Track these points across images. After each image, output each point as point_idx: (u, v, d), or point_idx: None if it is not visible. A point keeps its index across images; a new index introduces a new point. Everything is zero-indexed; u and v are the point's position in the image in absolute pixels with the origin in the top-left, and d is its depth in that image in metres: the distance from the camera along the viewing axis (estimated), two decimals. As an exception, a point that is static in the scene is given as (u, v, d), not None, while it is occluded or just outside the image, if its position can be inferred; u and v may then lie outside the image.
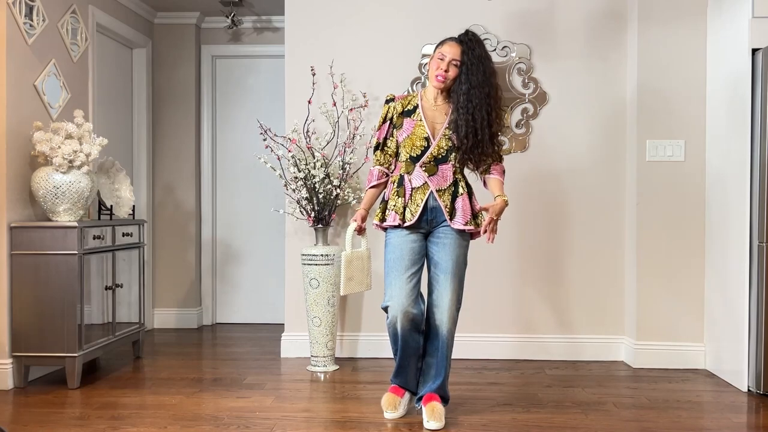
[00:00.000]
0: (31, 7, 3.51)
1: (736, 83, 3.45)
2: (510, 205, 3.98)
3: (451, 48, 2.79)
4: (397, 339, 2.82)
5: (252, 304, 5.26)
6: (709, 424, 2.86)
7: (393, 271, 2.80)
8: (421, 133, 2.83)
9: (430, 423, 2.75)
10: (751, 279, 3.33)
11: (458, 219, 2.80)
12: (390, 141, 2.93)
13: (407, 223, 2.80)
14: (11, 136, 3.37)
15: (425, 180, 2.82)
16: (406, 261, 2.80)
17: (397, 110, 2.91)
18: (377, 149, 2.96)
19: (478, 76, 2.74)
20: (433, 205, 2.82)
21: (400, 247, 2.82)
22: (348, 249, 2.92)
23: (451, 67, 2.78)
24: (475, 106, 2.74)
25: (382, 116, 2.94)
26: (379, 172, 2.96)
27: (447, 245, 2.82)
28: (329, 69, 4.03)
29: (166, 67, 5.09)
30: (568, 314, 4.02)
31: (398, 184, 2.87)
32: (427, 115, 2.86)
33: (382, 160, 2.95)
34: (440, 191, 2.82)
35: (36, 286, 3.36)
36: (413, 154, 2.84)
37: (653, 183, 3.83)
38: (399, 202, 2.84)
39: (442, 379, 2.86)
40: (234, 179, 5.27)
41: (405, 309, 2.75)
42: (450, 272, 2.81)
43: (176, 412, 3.01)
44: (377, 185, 2.97)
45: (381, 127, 2.94)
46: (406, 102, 2.92)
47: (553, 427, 2.81)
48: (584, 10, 4.00)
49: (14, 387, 3.39)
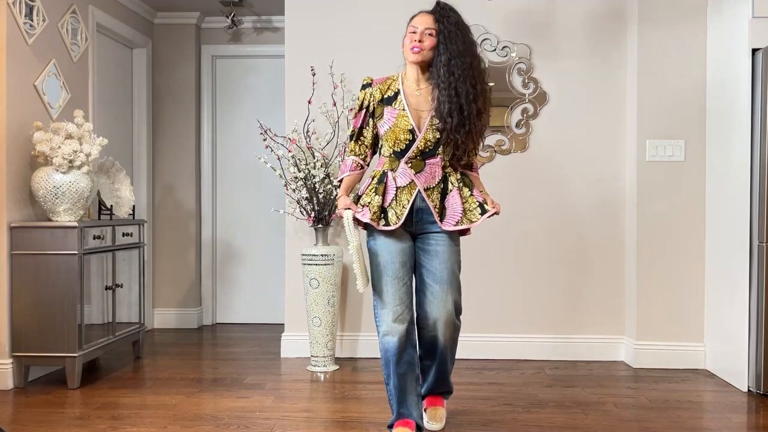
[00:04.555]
0: (31, 7, 3.51)
1: (737, 83, 3.45)
2: (510, 205, 4.00)
3: (422, 18, 2.53)
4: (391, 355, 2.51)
5: (252, 304, 5.26)
6: (709, 424, 2.86)
7: (383, 276, 2.53)
8: (405, 125, 2.53)
9: (431, 424, 2.75)
10: (751, 279, 3.33)
11: (449, 220, 2.55)
12: (366, 131, 2.65)
13: (392, 227, 2.51)
14: (11, 136, 3.37)
15: (412, 178, 2.54)
16: (397, 264, 2.54)
17: (375, 97, 2.61)
18: (352, 138, 2.68)
19: (458, 44, 2.47)
20: (421, 205, 2.55)
21: (387, 249, 2.54)
22: (352, 239, 2.53)
23: (426, 36, 2.50)
24: (457, 79, 2.45)
25: (358, 103, 2.65)
26: (353, 163, 2.68)
27: (440, 253, 2.55)
28: (329, 69, 4.03)
29: (166, 67, 5.09)
30: (568, 314, 4.02)
31: (378, 180, 2.57)
32: (410, 102, 2.56)
33: (357, 151, 2.67)
34: (428, 190, 2.55)
35: (36, 286, 3.36)
36: (397, 149, 2.55)
37: (653, 183, 3.83)
38: (375, 200, 2.53)
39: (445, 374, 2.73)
40: (234, 179, 5.27)
41: (400, 316, 2.51)
42: (446, 282, 2.55)
43: (176, 412, 3.01)
44: (351, 175, 2.68)
45: (357, 116, 2.65)
46: (385, 87, 2.61)
47: (553, 427, 2.81)
48: (584, 10, 4.00)
49: (14, 387, 3.39)
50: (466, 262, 3.63)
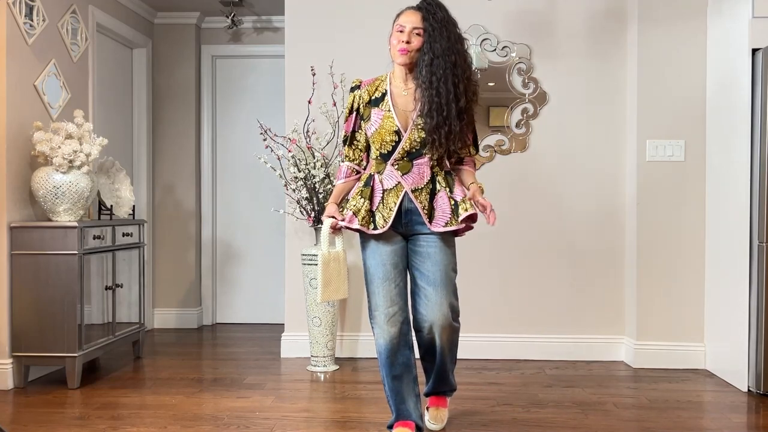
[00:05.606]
0: (31, 7, 3.51)
1: (737, 83, 3.45)
2: (509, 205, 4.00)
3: (409, 16, 2.48)
4: (386, 357, 2.52)
5: (252, 304, 5.26)
6: (709, 424, 2.86)
7: (375, 279, 2.52)
8: (390, 126, 2.50)
9: (431, 424, 2.75)
10: (751, 279, 3.33)
11: (438, 221, 2.50)
12: (359, 134, 2.63)
13: (379, 230, 2.50)
14: (11, 136, 3.37)
15: (398, 180, 2.51)
16: (388, 266, 2.51)
17: (363, 99, 2.59)
18: (345, 143, 2.66)
19: (442, 43, 2.42)
20: (409, 206, 2.52)
21: (378, 252, 2.53)
22: (324, 248, 2.56)
23: (413, 36, 2.46)
24: (439, 79, 2.41)
25: (348, 107, 2.64)
26: (348, 169, 2.65)
27: (431, 255, 2.51)
28: (329, 69, 4.03)
29: (166, 67, 5.09)
30: (568, 314, 4.02)
31: (365, 183, 2.56)
32: (396, 102, 2.53)
33: (352, 156, 2.65)
34: (416, 191, 2.51)
35: (36, 286, 3.36)
36: (384, 150, 2.53)
37: (653, 183, 3.83)
38: (361, 203, 2.51)
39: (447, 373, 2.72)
40: (234, 179, 5.27)
41: (392, 317, 2.49)
42: (440, 284, 2.50)
43: (176, 412, 3.01)
44: (344, 183, 2.67)
45: (348, 120, 2.63)
46: (373, 88, 2.59)
47: (553, 427, 2.81)
48: (584, 10, 4.00)
49: (14, 387, 3.39)
50: (465, 262, 3.64)
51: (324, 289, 2.57)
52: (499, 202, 3.94)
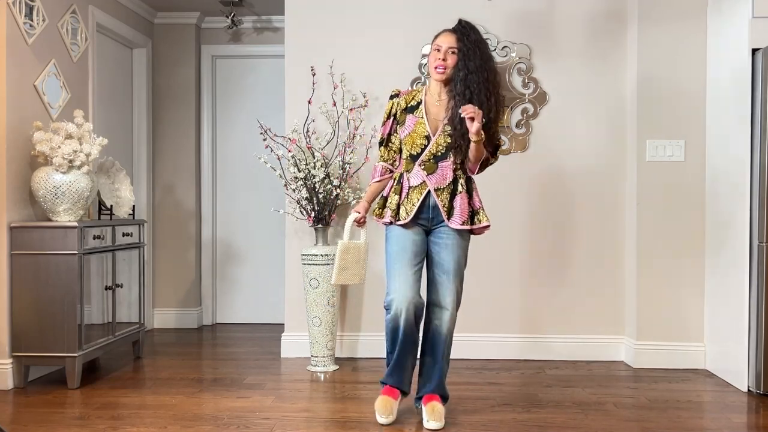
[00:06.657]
0: (31, 7, 3.51)
1: (736, 83, 3.45)
2: (509, 205, 4.00)
3: (446, 38, 2.78)
4: (396, 335, 2.78)
5: (252, 304, 5.26)
6: (709, 424, 2.86)
7: (396, 263, 2.79)
8: (422, 131, 2.81)
9: (431, 423, 2.76)
10: (751, 279, 3.33)
11: (456, 218, 2.79)
12: (394, 137, 2.93)
13: (400, 222, 2.80)
14: (11, 136, 3.37)
15: (423, 179, 2.80)
16: (409, 253, 2.79)
17: (400, 106, 2.91)
18: (381, 145, 2.97)
19: (475, 61, 2.72)
20: (432, 204, 2.81)
21: (402, 239, 2.81)
22: (345, 238, 2.93)
23: (449, 55, 2.76)
24: (473, 92, 2.70)
25: (386, 112, 2.94)
26: (383, 168, 2.96)
27: (449, 246, 2.81)
28: (329, 69, 4.03)
29: (166, 67, 5.09)
30: (569, 314, 4.02)
31: (397, 181, 2.88)
32: (430, 111, 2.84)
33: (386, 156, 2.96)
34: (438, 190, 2.80)
35: (36, 286, 3.36)
36: (413, 152, 2.83)
37: (653, 183, 3.83)
38: (395, 200, 2.84)
39: (442, 377, 2.87)
40: (234, 179, 5.27)
41: (409, 300, 2.74)
42: (452, 273, 2.81)
43: (176, 412, 3.01)
44: (380, 181, 2.97)
45: (385, 123, 2.94)
46: (410, 98, 2.91)
47: (553, 427, 2.81)
48: (584, 10, 4.00)
49: (14, 387, 3.39)
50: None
51: (339, 274, 2.94)
52: (499, 202, 3.94)
